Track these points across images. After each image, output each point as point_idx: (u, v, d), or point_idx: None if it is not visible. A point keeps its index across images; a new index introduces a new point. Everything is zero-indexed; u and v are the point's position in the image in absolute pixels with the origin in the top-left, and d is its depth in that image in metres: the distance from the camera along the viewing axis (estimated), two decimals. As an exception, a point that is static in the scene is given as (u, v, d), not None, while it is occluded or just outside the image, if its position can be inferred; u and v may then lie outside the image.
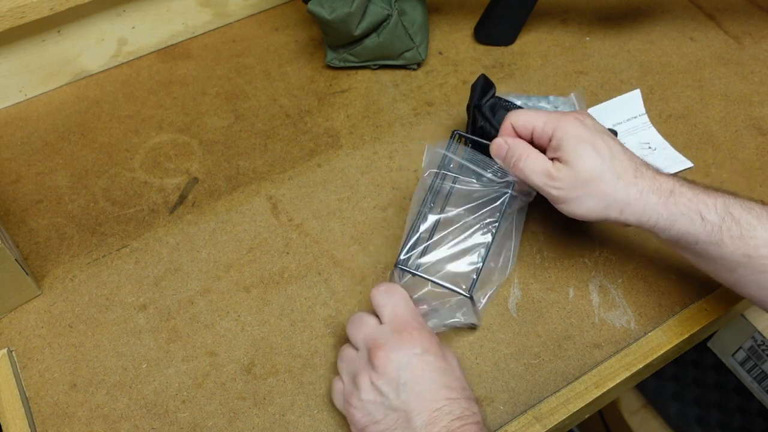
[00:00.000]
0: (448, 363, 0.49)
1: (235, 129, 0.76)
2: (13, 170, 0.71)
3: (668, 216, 0.51)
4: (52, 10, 0.70)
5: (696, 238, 0.51)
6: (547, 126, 0.53)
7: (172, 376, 0.57)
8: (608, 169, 0.51)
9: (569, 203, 0.52)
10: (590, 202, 0.52)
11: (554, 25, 0.86)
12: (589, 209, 0.52)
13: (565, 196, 0.52)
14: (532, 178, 0.53)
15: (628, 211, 0.52)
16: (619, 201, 0.51)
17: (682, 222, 0.51)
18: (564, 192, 0.52)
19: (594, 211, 0.52)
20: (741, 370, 0.84)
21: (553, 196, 0.53)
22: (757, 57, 0.81)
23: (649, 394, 1.00)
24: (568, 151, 0.52)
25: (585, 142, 0.52)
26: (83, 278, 0.63)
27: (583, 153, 0.52)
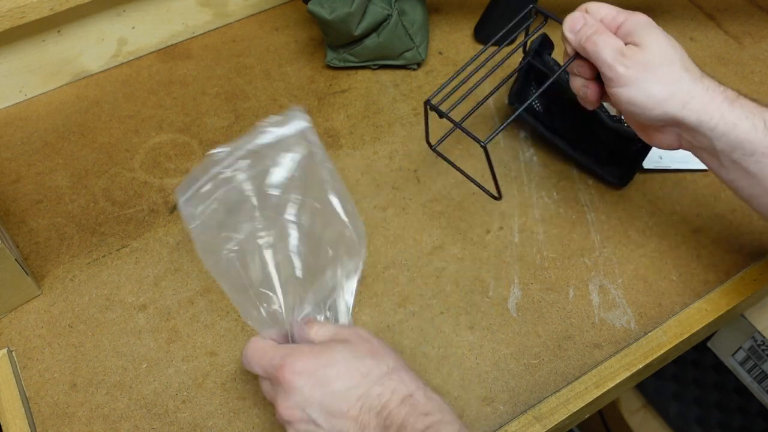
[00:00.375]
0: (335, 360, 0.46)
1: (235, 129, 0.75)
2: (13, 170, 0.71)
3: (731, 118, 0.49)
4: (52, 10, 0.70)
5: (754, 147, 0.49)
6: (619, 16, 0.53)
7: (172, 376, 0.57)
8: (679, 59, 0.50)
9: (633, 85, 0.50)
10: (656, 87, 0.49)
11: (554, 24, 0.85)
12: (652, 95, 0.50)
13: (632, 75, 0.50)
14: (605, 52, 0.51)
15: (690, 107, 0.49)
16: (684, 91, 0.49)
17: (744, 127, 0.48)
18: (632, 71, 0.50)
19: (656, 99, 0.50)
20: (741, 370, 0.84)
21: (620, 74, 0.50)
22: (757, 57, 0.81)
23: (649, 394, 1.00)
24: (642, 35, 0.51)
25: (659, 32, 0.51)
26: (83, 278, 0.63)
27: (658, 38, 0.50)
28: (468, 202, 0.68)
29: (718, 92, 0.50)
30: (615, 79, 0.51)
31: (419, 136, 0.74)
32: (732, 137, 0.49)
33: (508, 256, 0.64)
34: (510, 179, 0.70)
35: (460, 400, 0.55)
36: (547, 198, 0.68)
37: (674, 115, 0.50)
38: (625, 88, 0.50)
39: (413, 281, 0.62)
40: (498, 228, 0.66)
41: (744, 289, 0.61)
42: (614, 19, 0.53)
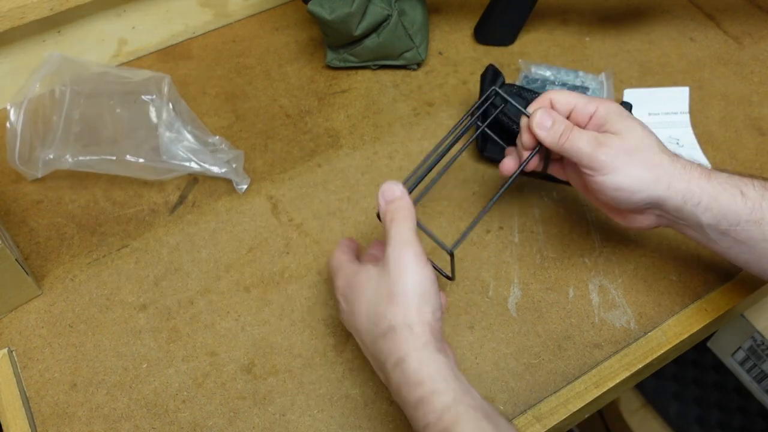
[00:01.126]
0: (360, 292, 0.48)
1: (235, 129, 0.76)
2: (13, 170, 0.71)
3: (711, 192, 0.50)
4: (52, 10, 0.70)
5: (738, 216, 0.49)
6: (590, 105, 0.53)
7: (172, 376, 0.57)
8: (656, 143, 0.51)
9: (618, 171, 0.50)
10: (638, 171, 0.50)
11: (554, 25, 0.86)
12: (637, 177, 0.50)
13: (615, 162, 0.50)
14: (583, 145, 0.51)
15: (673, 187, 0.50)
16: (666, 173, 0.50)
17: (725, 198, 0.49)
18: (614, 158, 0.50)
19: (642, 182, 0.50)
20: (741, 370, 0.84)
21: (603, 162, 0.50)
22: (757, 57, 0.81)
23: (649, 394, 1.00)
24: (615, 123, 0.52)
25: (630, 118, 0.52)
26: (83, 278, 0.63)
27: (631, 124, 0.52)
28: (468, 202, 0.68)
29: (695, 169, 0.51)
30: (599, 168, 0.51)
31: (419, 136, 0.74)
32: (716, 210, 0.50)
33: (508, 256, 0.64)
34: (510, 179, 0.70)
35: (460, 400, 0.55)
36: (547, 198, 0.68)
37: (659, 195, 0.51)
38: (610, 175, 0.51)
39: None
40: (498, 228, 0.66)
41: (744, 289, 0.61)
42: (585, 108, 0.53)
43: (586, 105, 0.53)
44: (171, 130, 0.66)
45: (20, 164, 0.66)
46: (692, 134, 0.73)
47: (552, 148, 0.53)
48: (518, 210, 0.67)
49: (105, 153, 0.66)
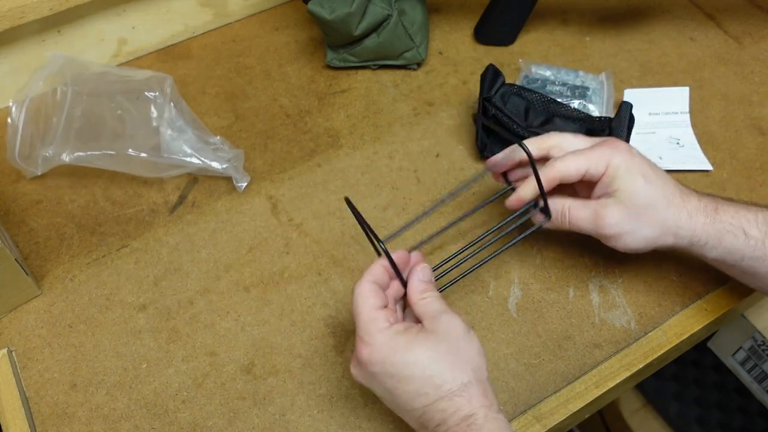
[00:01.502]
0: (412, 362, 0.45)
1: (235, 129, 0.75)
2: (13, 170, 0.71)
3: (715, 234, 0.52)
4: (52, 10, 0.70)
5: (742, 254, 0.52)
6: (599, 164, 0.53)
7: (172, 376, 0.57)
8: (660, 196, 0.52)
9: (624, 237, 0.53)
10: (644, 232, 0.52)
11: (554, 25, 0.86)
12: (643, 239, 0.53)
13: (619, 231, 0.52)
14: (582, 226, 0.54)
15: (679, 236, 0.52)
16: (671, 226, 0.52)
17: (728, 239, 0.52)
18: (617, 227, 0.52)
19: (648, 241, 0.53)
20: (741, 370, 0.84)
21: (607, 234, 0.53)
22: (757, 57, 0.81)
23: (649, 394, 1.00)
24: (622, 183, 0.52)
25: (638, 174, 0.52)
26: (83, 278, 0.63)
27: (636, 184, 0.52)
28: (468, 202, 0.68)
29: (700, 213, 0.52)
30: (606, 237, 0.54)
31: (419, 136, 0.74)
32: (721, 249, 0.52)
33: (508, 256, 0.64)
34: (510, 179, 0.70)
35: (460, 400, 0.55)
36: (547, 198, 0.68)
37: (666, 244, 0.53)
38: (619, 241, 0.53)
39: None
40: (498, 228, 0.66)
41: (744, 289, 0.61)
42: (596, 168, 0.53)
43: (597, 165, 0.53)
44: (173, 128, 0.66)
45: (20, 161, 0.66)
46: (692, 134, 0.73)
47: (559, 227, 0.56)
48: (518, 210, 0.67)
49: (105, 149, 0.66)
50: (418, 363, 0.45)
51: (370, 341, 0.46)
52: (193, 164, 0.67)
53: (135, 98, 0.67)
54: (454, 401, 0.44)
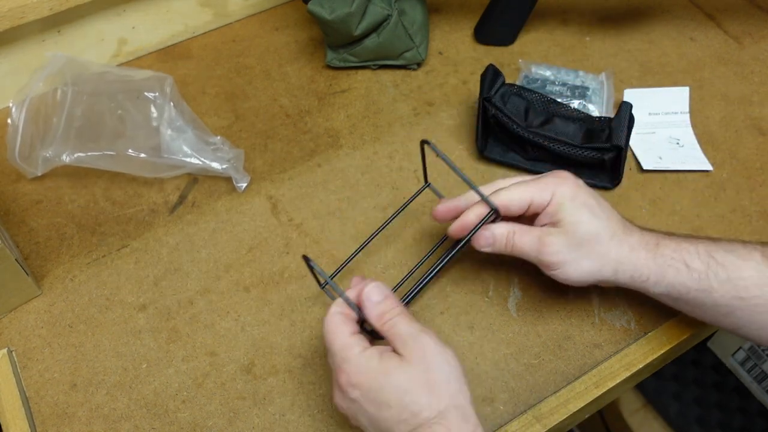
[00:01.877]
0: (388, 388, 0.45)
1: (235, 129, 0.75)
2: (14, 170, 0.71)
3: (657, 269, 0.51)
4: (52, 10, 0.70)
5: (687, 287, 0.51)
6: (545, 193, 0.53)
7: (172, 376, 0.57)
8: (604, 228, 0.52)
9: (565, 267, 0.52)
10: (585, 263, 0.52)
11: (554, 25, 0.86)
12: (584, 271, 0.52)
13: (561, 260, 0.52)
14: (526, 250, 0.53)
15: (621, 270, 0.52)
16: (612, 260, 0.52)
17: (671, 273, 0.51)
18: (559, 256, 0.52)
19: (589, 273, 0.53)
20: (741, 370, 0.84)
21: (549, 261, 0.52)
22: (757, 57, 0.81)
23: (649, 394, 1.00)
24: (566, 214, 0.52)
25: (582, 205, 0.52)
26: (83, 278, 0.63)
27: (581, 215, 0.52)
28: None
29: (641, 248, 0.52)
30: (546, 265, 0.53)
31: (419, 136, 0.74)
32: (664, 284, 0.52)
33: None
34: (510, 179, 0.70)
35: (460, 400, 0.55)
36: (547, 198, 0.68)
37: (608, 279, 0.53)
38: (558, 270, 0.53)
39: (414, 281, 0.62)
40: (498, 228, 0.66)
41: (744, 289, 0.61)
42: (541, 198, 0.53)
43: (542, 195, 0.53)
44: (173, 128, 0.66)
45: (20, 161, 0.66)
46: (692, 134, 0.73)
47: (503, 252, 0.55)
48: (518, 210, 0.67)
49: (105, 149, 0.66)
50: (394, 389, 0.45)
51: (347, 367, 0.46)
52: (193, 164, 0.67)
53: (135, 98, 0.67)
54: (433, 429, 0.44)
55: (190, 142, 0.67)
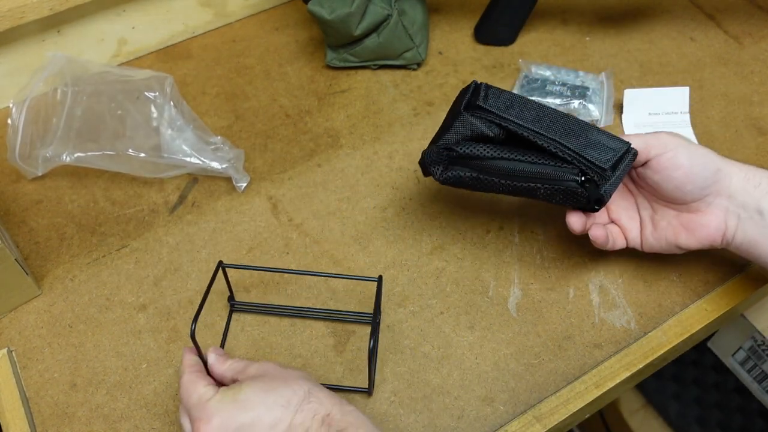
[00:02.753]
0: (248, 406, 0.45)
1: (235, 129, 0.76)
2: (14, 170, 0.71)
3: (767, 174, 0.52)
4: (52, 10, 0.70)
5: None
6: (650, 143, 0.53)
7: (172, 376, 0.57)
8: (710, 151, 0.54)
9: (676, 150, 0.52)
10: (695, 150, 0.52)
11: (554, 25, 0.86)
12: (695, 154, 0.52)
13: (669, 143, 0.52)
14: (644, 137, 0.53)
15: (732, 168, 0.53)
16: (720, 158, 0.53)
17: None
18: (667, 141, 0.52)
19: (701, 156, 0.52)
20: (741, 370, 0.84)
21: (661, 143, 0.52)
22: (757, 57, 0.81)
23: (649, 394, 1.00)
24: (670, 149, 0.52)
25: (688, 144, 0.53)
26: (83, 278, 0.63)
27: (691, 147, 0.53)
28: (468, 202, 0.68)
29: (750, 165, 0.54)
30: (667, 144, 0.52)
31: (419, 136, 0.74)
32: None
33: (508, 256, 0.64)
34: (510, 179, 0.70)
35: (459, 399, 0.55)
36: (547, 198, 0.68)
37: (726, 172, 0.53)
38: (669, 153, 0.52)
39: (413, 281, 0.62)
40: (498, 228, 0.66)
41: (744, 289, 0.61)
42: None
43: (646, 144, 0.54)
44: (173, 128, 0.66)
45: (20, 161, 0.66)
46: (692, 134, 0.73)
47: None
48: (518, 210, 0.67)
49: (105, 149, 0.66)
50: (255, 400, 0.45)
51: (204, 415, 0.45)
52: (193, 164, 0.67)
53: (135, 98, 0.67)
54: (307, 409, 0.45)
55: (190, 141, 0.67)
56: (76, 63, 0.68)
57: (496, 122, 0.54)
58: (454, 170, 0.54)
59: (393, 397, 0.55)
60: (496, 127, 0.54)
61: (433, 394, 0.55)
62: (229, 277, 0.61)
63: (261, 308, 0.60)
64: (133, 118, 0.66)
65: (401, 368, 0.57)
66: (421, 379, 0.56)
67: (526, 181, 0.54)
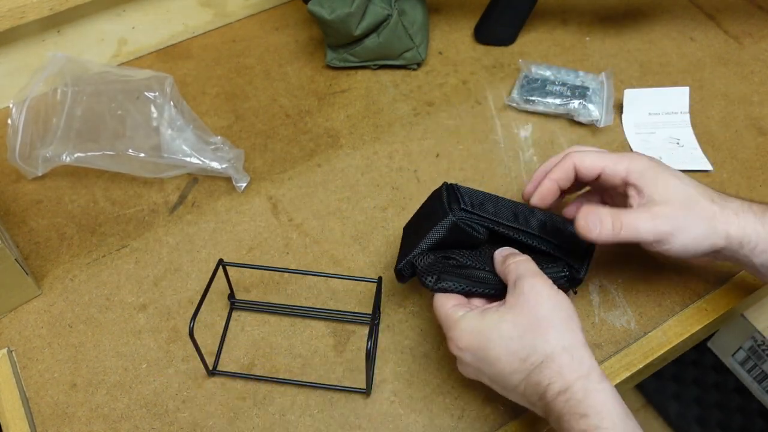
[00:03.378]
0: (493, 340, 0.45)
1: (235, 129, 0.76)
2: (14, 170, 0.71)
3: (765, 235, 0.50)
4: (52, 10, 0.70)
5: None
6: (619, 165, 0.51)
7: (172, 376, 0.57)
8: (698, 190, 0.50)
9: (680, 233, 0.49)
10: (696, 228, 0.49)
11: (554, 25, 0.86)
12: (698, 235, 0.49)
13: (673, 226, 0.49)
14: (641, 230, 0.49)
15: (731, 234, 0.49)
16: (721, 222, 0.49)
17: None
18: (672, 225, 0.49)
19: (703, 238, 0.49)
20: (741, 370, 0.84)
21: (665, 232, 0.49)
22: (757, 57, 0.81)
23: (649, 394, 1.00)
24: (650, 182, 0.50)
25: (664, 171, 0.51)
26: (83, 278, 0.63)
27: (667, 180, 0.50)
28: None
29: (747, 212, 0.50)
30: (663, 239, 0.49)
31: (419, 136, 0.74)
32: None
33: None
34: (510, 179, 0.70)
35: (460, 399, 0.55)
36: (547, 198, 0.68)
37: (720, 246, 0.50)
38: (674, 240, 0.49)
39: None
40: (498, 228, 0.66)
41: (744, 289, 0.61)
42: (614, 169, 0.52)
43: (615, 166, 0.52)
44: (173, 128, 0.66)
45: (20, 161, 0.66)
46: (692, 134, 0.73)
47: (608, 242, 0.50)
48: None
49: (105, 149, 0.66)
50: (498, 342, 0.45)
51: (452, 334, 0.47)
52: (193, 164, 0.67)
53: (135, 98, 0.67)
54: (545, 373, 0.43)
55: (190, 141, 0.67)
56: (76, 63, 0.68)
57: (483, 225, 0.54)
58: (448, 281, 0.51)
59: (393, 397, 0.55)
60: (482, 228, 0.54)
61: (433, 394, 0.55)
62: (230, 277, 0.60)
63: (261, 307, 0.60)
64: (133, 118, 0.66)
65: (401, 368, 0.57)
66: (421, 379, 0.56)
67: None
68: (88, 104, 0.66)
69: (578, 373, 0.43)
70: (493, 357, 0.45)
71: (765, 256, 0.50)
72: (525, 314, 0.45)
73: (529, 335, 0.45)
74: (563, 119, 0.75)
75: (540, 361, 0.44)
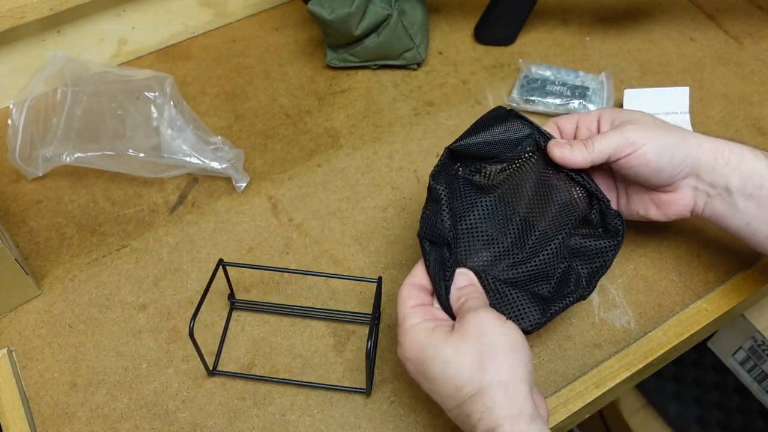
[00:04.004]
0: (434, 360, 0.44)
1: (235, 129, 0.76)
2: (14, 170, 0.71)
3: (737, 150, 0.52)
4: (52, 10, 0.70)
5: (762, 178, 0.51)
6: (590, 114, 0.56)
7: (172, 376, 0.57)
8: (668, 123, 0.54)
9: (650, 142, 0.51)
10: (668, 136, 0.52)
11: (554, 25, 0.86)
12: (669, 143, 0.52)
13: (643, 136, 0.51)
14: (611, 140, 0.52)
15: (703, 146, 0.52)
16: (692, 135, 0.53)
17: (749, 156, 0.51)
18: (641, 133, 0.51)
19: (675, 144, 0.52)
20: (741, 370, 0.84)
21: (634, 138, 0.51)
22: (757, 57, 0.81)
23: (649, 394, 1.00)
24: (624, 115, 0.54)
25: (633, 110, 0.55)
26: (83, 278, 0.63)
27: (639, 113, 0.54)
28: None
29: (718, 138, 0.53)
30: (633, 143, 0.51)
31: (419, 136, 0.74)
32: (742, 169, 0.51)
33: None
34: (510, 179, 0.70)
35: (460, 400, 0.55)
36: (547, 198, 0.68)
37: (692, 154, 0.52)
38: (644, 147, 0.51)
39: None
40: (498, 228, 0.66)
41: (744, 289, 0.61)
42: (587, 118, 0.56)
43: (588, 116, 0.56)
44: (173, 128, 0.66)
45: (20, 162, 0.66)
46: (692, 134, 0.73)
47: (586, 164, 0.52)
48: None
49: (105, 149, 0.66)
50: (439, 361, 0.44)
51: (401, 339, 0.47)
52: (193, 164, 0.67)
53: (135, 98, 0.67)
54: (475, 407, 0.42)
55: (190, 141, 0.67)
56: (76, 63, 0.68)
57: None
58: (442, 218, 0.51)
59: (393, 397, 0.55)
60: None
61: (433, 394, 0.55)
62: (230, 277, 0.60)
63: (261, 307, 0.60)
64: (133, 118, 0.66)
65: (401, 368, 0.57)
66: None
67: None
68: (88, 104, 0.66)
69: (509, 412, 0.42)
70: (431, 376, 0.45)
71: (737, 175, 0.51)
72: (468, 343, 0.44)
73: (467, 364, 0.43)
74: (563, 119, 0.75)
75: (473, 392, 0.43)
